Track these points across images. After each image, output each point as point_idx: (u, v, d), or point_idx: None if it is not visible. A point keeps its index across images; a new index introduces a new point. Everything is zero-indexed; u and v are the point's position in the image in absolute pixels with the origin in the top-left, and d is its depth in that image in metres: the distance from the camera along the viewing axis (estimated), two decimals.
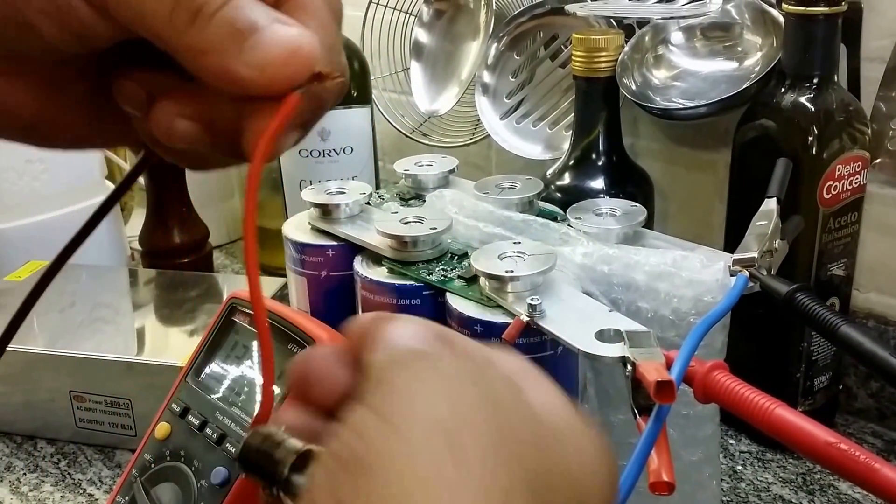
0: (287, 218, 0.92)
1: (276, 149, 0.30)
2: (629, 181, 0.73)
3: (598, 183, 0.72)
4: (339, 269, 0.60)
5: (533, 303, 0.47)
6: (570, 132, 0.75)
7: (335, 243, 0.60)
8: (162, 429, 0.53)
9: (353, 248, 0.59)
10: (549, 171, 0.73)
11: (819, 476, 0.66)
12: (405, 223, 0.56)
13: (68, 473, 0.70)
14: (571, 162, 0.73)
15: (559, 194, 0.71)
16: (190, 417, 0.51)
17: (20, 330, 0.41)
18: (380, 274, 0.55)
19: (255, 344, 0.52)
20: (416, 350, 0.28)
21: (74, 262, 0.41)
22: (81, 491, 0.68)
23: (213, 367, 0.53)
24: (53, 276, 0.40)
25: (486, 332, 0.49)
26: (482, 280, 0.51)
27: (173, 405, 0.53)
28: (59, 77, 0.33)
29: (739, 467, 0.67)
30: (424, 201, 0.63)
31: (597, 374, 0.51)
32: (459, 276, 0.53)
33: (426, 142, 0.93)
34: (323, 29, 0.30)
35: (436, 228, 0.55)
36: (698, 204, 0.81)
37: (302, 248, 0.60)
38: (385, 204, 0.63)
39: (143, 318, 0.83)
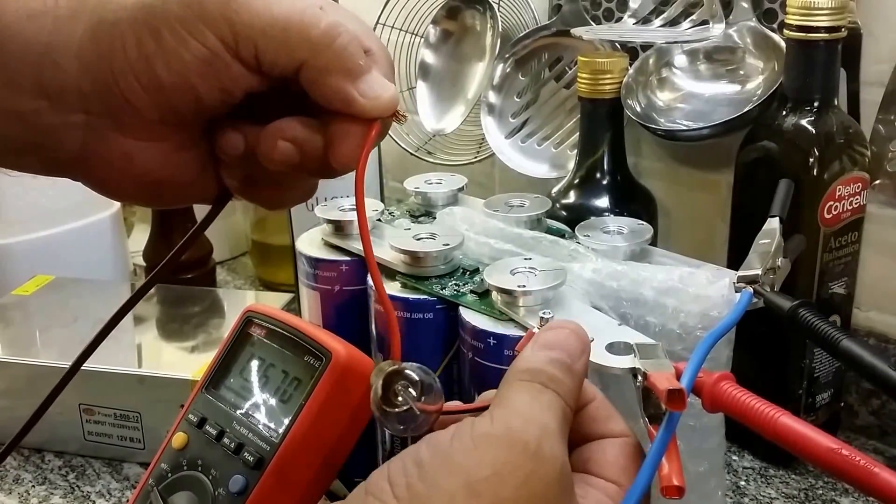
0: (293, 235, 0.94)
1: (355, 159, 0.40)
2: (633, 200, 0.74)
3: (603, 201, 0.73)
4: (351, 284, 0.61)
5: (545, 316, 0.48)
6: (575, 152, 0.77)
7: (348, 258, 0.61)
8: (179, 439, 0.53)
9: (365, 264, 0.60)
10: (555, 190, 0.75)
11: (821, 492, 0.67)
12: (418, 239, 0.57)
13: (77, 486, 0.71)
14: (576, 181, 0.74)
15: (564, 212, 0.72)
16: (207, 427, 0.52)
17: (26, 344, 0.43)
18: (393, 288, 0.57)
19: (270, 356, 0.53)
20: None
21: (77, 277, 0.44)
22: (91, 503, 0.69)
23: (230, 379, 0.54)
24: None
25: (499, 344, 0.50)
26: (494, 294, 0.52)
27: (190, 415, 0.53)
28: (184, 140, 0.41)
29: (743, 483, 0.68)
30: (434, 218, 0.64)
31: (605, 387, 0.52)
32: (472, 291, 0.54)
33: (431, 160, 0.94)
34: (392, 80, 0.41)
35: (448, 244, 0.56)
36: (701, 223, 0.82)
37: (316, 263, 0.62)
38: (396, 220, 0.64)
39: (148, 333, 0.83)
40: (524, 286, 0.50)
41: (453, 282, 0.56)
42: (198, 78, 0.38)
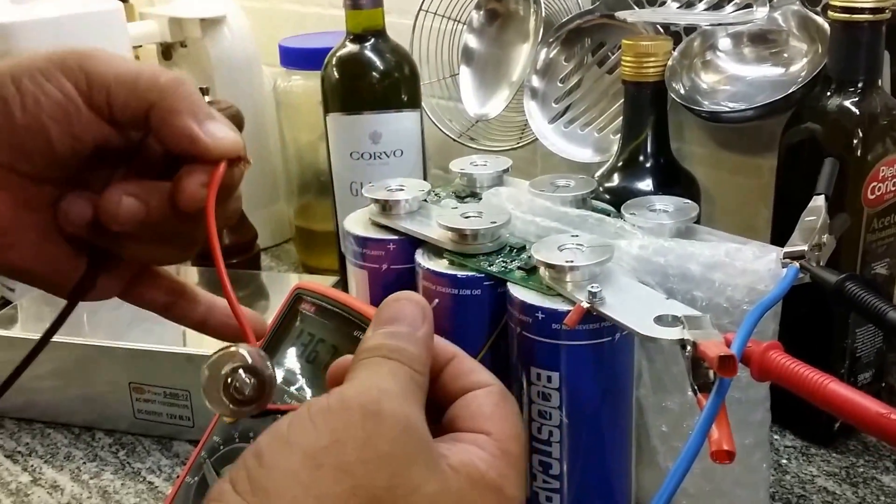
0: (337, 220, 0.95)
1: (201, 199, 0.41)
2: (676, 183, 0.75)
3: (647, 184, 0.74)
4: (399, 263, 0.62)
5: (593, 290, 0.49)
6: (618, 136, 0.77)
7: (396, 237, 0.62)
8: None
9: (413, 242, 0.61)
10: (598, 174, 0.75)
11: (862, 470, 0.67)
12: (465, 217, 0.58)
13: (127, 462, 0.73)
14: (620, 164, 0.75)
15: (607, 195, 0.73)
16: None
17: (74, 325, 0.45)
18: (440, 266, 0.58)
19: (320, 331, 0.54)
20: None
21: None
22: (141, 479, 0.70)
23: (280, 354, 0.55)
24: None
25: (548, 318, 0.51)
26: (542, 270, 0.53)
27: None
28: (30, 197, 0.43)
29: (784, 461, 0.69)
30: (480, 199, 0.65)
31: (651, 361, 0.53)
32: (519, 268, 0.55)
33: (473, 146, 0.95)
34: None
35: (496, 222, 0.57)
36: (743, 207, 0.83)
37: (364, 242, 0.62)
38: (443, 201, 0.65)
39: None
40: (572, 262, 0.51)
41: (500, 259, 0.57)
42: (50, 120, 0.41)
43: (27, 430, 0.76)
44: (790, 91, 0.70)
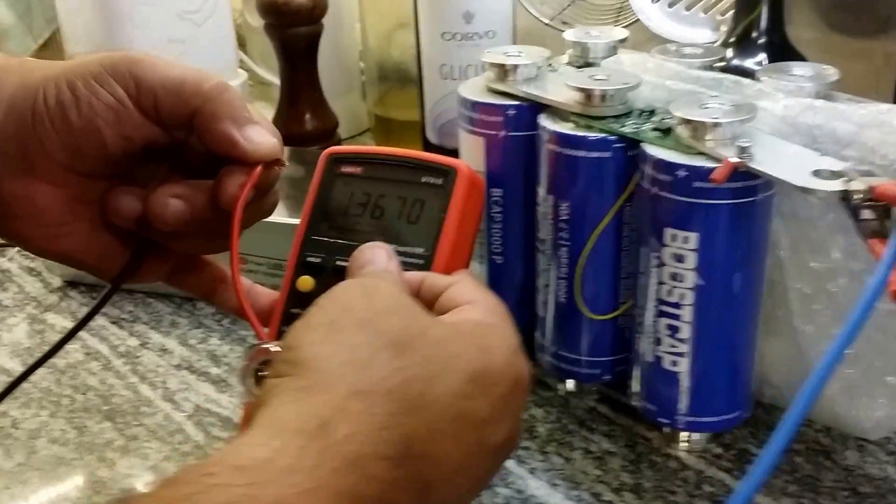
0: (423, 107, 0.94)
1: (242, 202, 0.46)
2: (792, 61, 0.73)
3: (760, 61, 0.72)
4: (518, 129, 0.61)
5: (743, 145, 0.48)
6: (726, 16, 0.75)
7: (515, 103, 0.61)
8: (305, 282, 0.53)
9: (533, 108, 0.60)
10: None
11: None
12: (596, 79, 0.57)
13: (233, 329, 0.73)
14: (732, 39, 0.73)
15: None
16: (339, 263, 0.52)
17: None
18: (566, 128, 0.56)
19: (375, 188, 0.54)
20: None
21: None
22: (248, 345, 0.70)
23: (335, 218, 0.54)
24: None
25: (690, 176, 0.50)
26: (680, 128, 0.52)
27: (309, 258, 0.53)
28: (83, 192, 0.47)
29: None
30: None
31: (797, 221, 0.52)
32: (654, 128, 0.54)
33: (566, 30, 0.93)
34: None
35: (627, 83, 0.56)
36: (854, 93, 0.80)
37: (481, 108, 0.61)
38: (560, 68, 0.64)
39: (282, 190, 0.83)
40: (716, 118, 0.50)
41: (631, 121, 0.55)
42: (103, 122, 0.45)
43: (128, 298, 0.77)
44: None
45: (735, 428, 0.59)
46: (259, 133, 0.46)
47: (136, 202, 0.47)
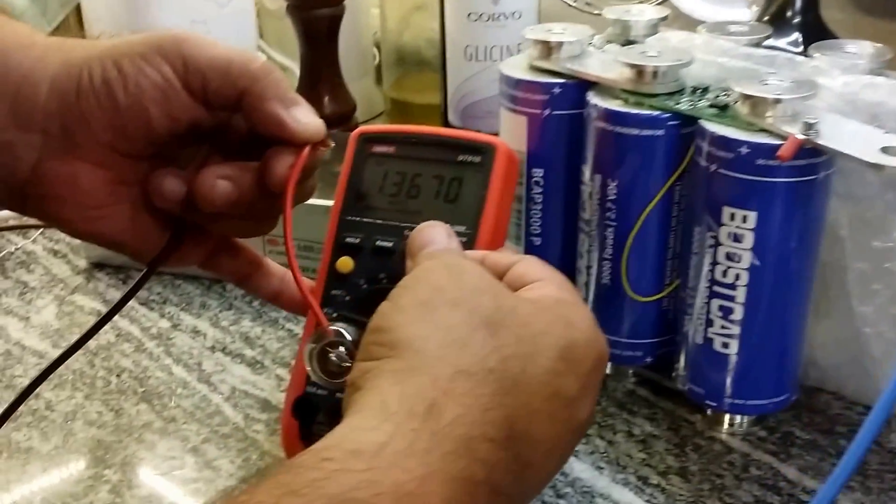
0: (446, 90, 0.93)
1: (293, 183, 0.45)
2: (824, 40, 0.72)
3: (793, 39, 0.71)
4: (563, 108, 0.60)
5: (810, 121, 0.47)
6: None
7: (561, 80, 0.60)
8: (344, 263, 0.53)
9: (578, 86, 0.59)
10: None
11: None
12: (648, 56, 0.56)
13: (264, 311, 0.72)
14: (766, 19, 0.72)
15: None
16: (379, 243, 0.52)
17: None
18: (615, 105, 0.56)
19: (410, 167, 0.53)
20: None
21: None
22: (280, 326, 0.70)
23: (371, 199, 0.54)
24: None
25: (753, 153, 0.49)
26: (739, 105, 0.51)
27: (347, 239, 0.53)
28: (128, 173, 0.46)
29: None
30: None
31: (853, 200, 0.51)
32: (711, 105, 0.53)
33: (591, 11, 0.92)
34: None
35: (681, 60, 0.55)
36: None
37: (525, 85, 0.60)
38: (606, 46, 0.63)
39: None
40: (779, 94, 0.49)
41: (685, 98, 0.55)
42: (150, 102, 0.44)
43: (156, 280, 0.75)
44: None
45: (778, 411, 0.58)
46: (306, 114, 0.46)
47: (181, 184, 0.47)
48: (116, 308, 0.52)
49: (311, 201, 0.71)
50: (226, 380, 0.64)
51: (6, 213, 0.83)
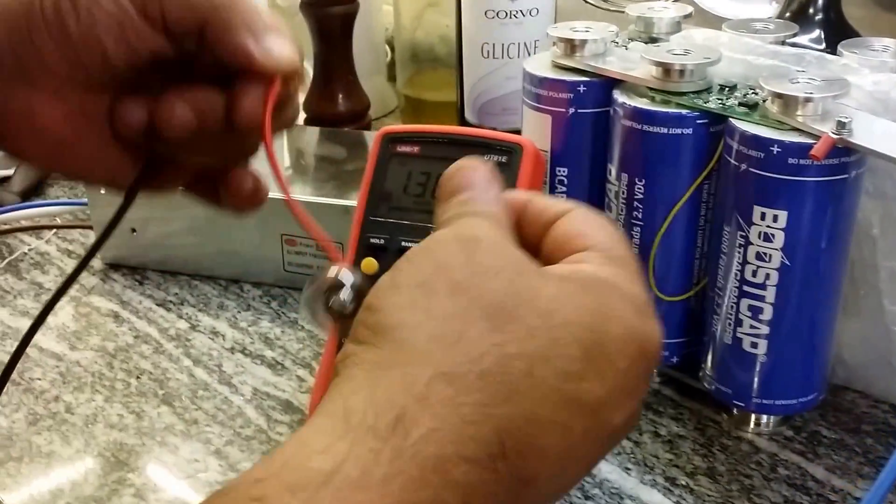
0: (462, 87, 0.92)
1: (257, 116, 0.42)
2: (846, 38, 0.72)
3: (816, 38, 0.71)
4: (588, 106, 0.59)
5: (843, 120, 0.47)
6: None
7: (586, 79, 0.59)
8: (369, 264, 0.53)
9: (604, 84, 0.58)
10: None
11: None
12: (675, 54, 0.55)
13: (282, 312, 0.71)
14: (787, 15, 0.72)
15: None
16: (404, 244, 0.52)
17: None
18: (642, 103, 0.55)
19: (435, 167, 0.52)
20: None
21: None
22: (300, 328, 0.69)
23: (395, 200, 0.54)
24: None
25: (784, 152, 0.49)
26: (769, 103, 0.50)
27: (372, 240, 0.53)
28: (88, 105, 0.43)
29: None
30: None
31: (884, 200, 0.51)
32: (740, 103, 0.53)
33: (608, 7, 0.92)
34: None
35: (709, 58, 0.54)
36: None
37: (550, 83, 0.60)
38: (631, 44, 0.62)
39: (324, 171, 0.83)
40: (810, 93, 0.49)
41: (713, 97, 0.54)
42: (105, 31, 0.41)
43: (172, 281, 0.75)
44: None
45: (805, 410, 0.58)
46: (277, 43, 0.42)
47: (143, 112, 0.43)
48: (94, 249, 0.49)
49: (332, 200, 0.71)
50: (247, 381, 0.64)
51: (18, 213, 0.82)
